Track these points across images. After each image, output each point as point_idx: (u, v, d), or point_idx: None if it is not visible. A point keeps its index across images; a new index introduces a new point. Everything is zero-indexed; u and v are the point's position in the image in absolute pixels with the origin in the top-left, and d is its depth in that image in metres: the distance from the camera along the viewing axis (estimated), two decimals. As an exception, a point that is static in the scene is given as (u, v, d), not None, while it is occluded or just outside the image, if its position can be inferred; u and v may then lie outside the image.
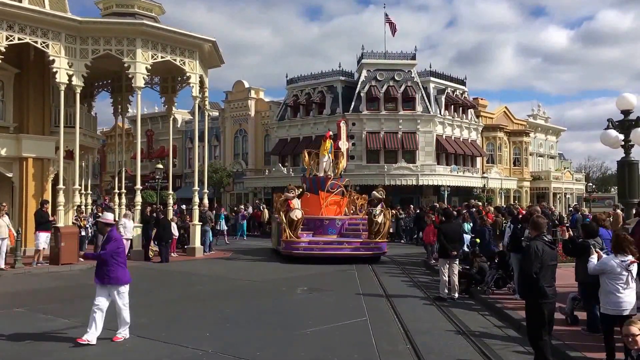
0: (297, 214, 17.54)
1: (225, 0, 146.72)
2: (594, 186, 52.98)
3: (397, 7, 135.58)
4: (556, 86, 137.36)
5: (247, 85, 47.62)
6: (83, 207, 20.93)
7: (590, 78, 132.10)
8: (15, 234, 15.26)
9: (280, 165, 40.99)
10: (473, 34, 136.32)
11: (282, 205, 18.21)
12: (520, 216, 11.78)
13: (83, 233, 16.92)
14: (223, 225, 25.52)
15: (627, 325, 4.83)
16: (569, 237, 8.08)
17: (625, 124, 10.41)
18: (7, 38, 15.86)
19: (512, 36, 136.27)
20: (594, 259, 6.66)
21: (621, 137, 10.44)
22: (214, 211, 24.82)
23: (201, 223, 19.88)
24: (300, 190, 18.78)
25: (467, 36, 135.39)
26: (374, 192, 18.32)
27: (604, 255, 6.68)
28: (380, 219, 17.48)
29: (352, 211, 21.01)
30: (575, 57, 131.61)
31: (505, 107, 50.94)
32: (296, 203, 17.78)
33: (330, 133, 22.33)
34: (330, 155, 21.05)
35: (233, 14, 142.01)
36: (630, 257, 6.31)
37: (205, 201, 21.20)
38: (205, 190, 21.44)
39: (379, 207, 17.73)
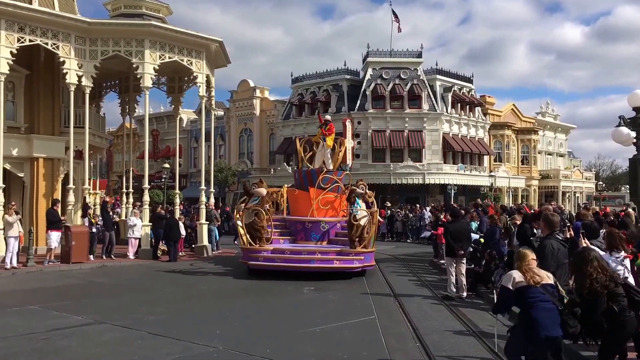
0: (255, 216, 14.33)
1: (238, 1, 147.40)
2: (604, 185, 52.66)
3: (412, 5, 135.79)
4: (569, 83, 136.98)
5: (252, 84, 47.76)
6: (92, 204, 21.04)
7: (604, 75, 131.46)
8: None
9: (285, 164, 41.11)
10: (486, 31, 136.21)
11: (241, 203, 15.05)
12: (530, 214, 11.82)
13: (94, 230, 17.05)
14: None
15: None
16: (570, 237, 8.01)
17: (637, 121, 10.32)
18: (18, 40, 16.06)
19: (526, 33, 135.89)
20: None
21: (633, 134, 10.39)
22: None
23: (207, 222, 19.99)
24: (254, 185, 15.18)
25: (480, 33, 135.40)
26: (353, 187, 14.91)
27: (592, 246, 6.83)
28: (363, 221, 13.87)
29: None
30: (589, 54, 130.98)
31: (513, 105, 50.76)
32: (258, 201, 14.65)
33: (329, 117, 18.28)
34: (327, 144, 17.15)
35: (246, 14, 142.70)
36: (623, 253, 6.41)
37: (212, 200, 21.32)
38: (212, 189, 21.56)
39: (362, 204, 14.31)
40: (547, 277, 5.11)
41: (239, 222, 14.46)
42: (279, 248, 14.71)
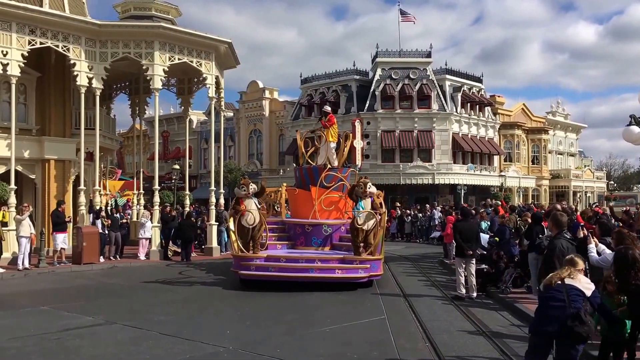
0: (248, 219, 12.61)
1: (252, 2, 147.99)
2: (615, 184, 52.24)
3: (425, 5, 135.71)
4: (583, 83, 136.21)
5: (261, 85, 47.89)
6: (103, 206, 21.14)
7: (618, 74, 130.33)
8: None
9: (294, 164, 41.12)
10: (499, 31, 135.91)
11: (234, 207, 13.16)
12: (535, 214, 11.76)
13: (106, 231, 17.15)
14: None
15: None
16: (584, 235, 7.89)
17: (648, 120, 10.25)
18: (29, 42, 16.22)
19: (539, 32, 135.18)
20: (592, 248, 6.68)
21: (644, 133, 10.28)
22: None
23: (217, 223, 20.04)
24: (257, 186, 13.84)
25: (493, 33, 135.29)
26: (362, 181, 13.00)
27: (600, 245, 6.78)
28: (369, 224, 12.33)
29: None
30: (603, 53, 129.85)
31: (524, 104, 50.48)
32: (250, 204, 12.83)
33: (328, 109, 16.41)
34: (331, 138, 15.28)
35: (259, 15, 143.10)
36: None
37: (221, 201, 21.39)
38: (221, 190, 21.62)
39: (368, 204, 12.61)
40: (578, 280, 5.06)
41: (231, 227, 13.02)
42: (274, 255, 12.96)
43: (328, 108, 16.72)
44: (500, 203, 20.71)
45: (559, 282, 5.00)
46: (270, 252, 13.23)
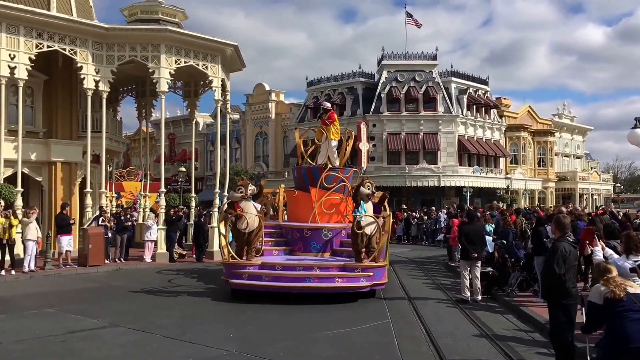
0: (243, 224, 11.64)
1: (262, 5, 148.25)
2: (622, 187, 51.97)
3: (435, 7, 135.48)
4: (591, 85, 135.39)
5: (267, 87, 48.00)
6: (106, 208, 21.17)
7: (627, 76, 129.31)
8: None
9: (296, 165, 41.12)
10: (507, 33, 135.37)
11: (227, 210, 12.06)
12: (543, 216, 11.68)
13: (109, 234, 17.20)
14: None
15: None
16: (590, 251, 7.74)
17: (654, 123, 10.25)
18: (37, 46, 16.35)
19: (548, 34, 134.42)
20: (599, 251, 6.65)
21: (650, 136, 10.28)
22: None
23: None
24: (256, 187, 12.65)
25: (502, 35, 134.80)
26: (361, 187, 11.93)
27: (607, 249, 6.74)
28: (369, 229, 11.47)
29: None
30: (612, 55, 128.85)
31: (529, 107, 50.31)
32: (248, 207, 11.87)
33: (328, 105, 15.55)
34: (332, 135, 14.26)
35: (269, 18, 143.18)
36: None
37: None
38: (225, 193, 21.68)
39: (370, 207, 11.82)
40: (637, 287, 4.90)
41: (221, 231, 12.06)
42: (269, 262, 11.81)
43: (327, 104, 15.92)
44: (499, 205, 20.58)
45: (623, 293, 4.70)
46: (265, 258, 12.16)
